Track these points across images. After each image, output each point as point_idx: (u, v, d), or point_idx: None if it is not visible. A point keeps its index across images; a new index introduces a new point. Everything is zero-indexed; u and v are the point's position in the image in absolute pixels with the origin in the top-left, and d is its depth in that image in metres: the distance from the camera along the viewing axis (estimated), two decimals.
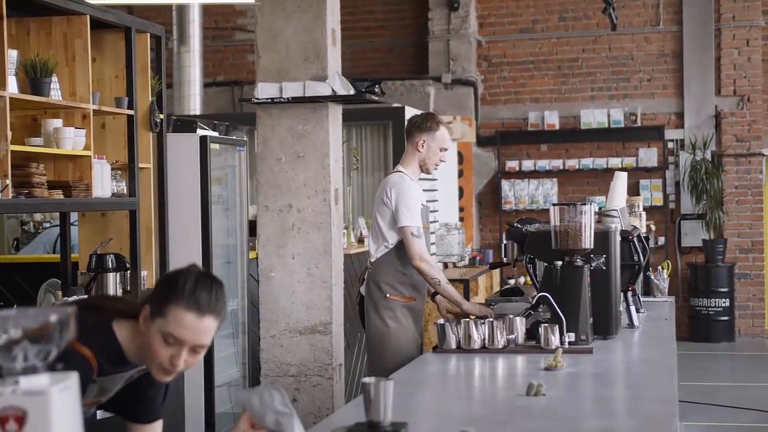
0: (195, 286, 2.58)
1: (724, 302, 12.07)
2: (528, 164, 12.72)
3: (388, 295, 5.15)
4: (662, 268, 6.39)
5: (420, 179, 5.31)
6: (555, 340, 4.16)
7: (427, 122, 5.26)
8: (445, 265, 10.36)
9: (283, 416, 2.51)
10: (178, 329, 2.55)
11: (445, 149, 5.28)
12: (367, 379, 2.72)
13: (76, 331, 2.53)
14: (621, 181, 5.52)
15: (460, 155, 12.24)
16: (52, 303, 5.49)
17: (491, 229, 12.96)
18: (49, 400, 1.72)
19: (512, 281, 12.21)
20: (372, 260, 5.26)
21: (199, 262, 6.20)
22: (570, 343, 4.22)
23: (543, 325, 4.21)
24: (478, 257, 11.19)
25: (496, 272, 11.28)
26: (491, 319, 4.30)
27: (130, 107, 5.54)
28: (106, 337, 2.65)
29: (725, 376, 10.60)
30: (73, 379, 1.80)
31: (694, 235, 12.42)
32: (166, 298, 2.57)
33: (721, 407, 8.56)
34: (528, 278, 11.93)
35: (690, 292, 12.28)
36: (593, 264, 4.46)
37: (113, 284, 5.37)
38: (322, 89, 5.77)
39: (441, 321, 4.33)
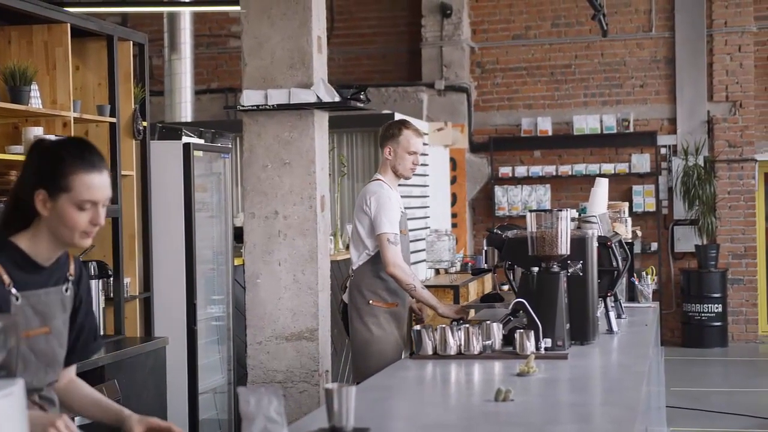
0: (79, 151, 2.66)
1: (717, 308, 12.07)
2: (521, 170, 12.73)
3: (371, 301, 5.24)
4: (646, 274, 6.40)
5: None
6: (530, 346, 4.16)
7: (389, 129, 5.40)
8: (437, 272, 10.37)
9: (273, 424, 2.54)
10: (90, 193, 2.64)
11: (414, 152, 5.34)
12: (329, 385, 2.74)
13: None
14: (602, 187, 5.54)
15: (453, 161, 12.28)
16: None
17: (485, 235, 12.92)
18: None
19: (506, 287, 12.21)
20: (354, 267, 5.33)
21: (183, 269, 6.23)
22: (546, 348, 4.23)
23: (519, 330, 4.22)
24: (470, 263, 11.20)
25: (488, 278, 11.29)
26: (467, 325, 4.31)
27: (112, 115, 5.56)
28: (9, 250, 2.67)
29: (718, 381, 10.60)
30: (18, 385, 1.82)
31: (686, 240, 12.42)
32: (62, 174, 2.63)
33: (712, 413, 8.57)
34: None
35: (683, 297, 12.28)
36: (570, 270, 4.47)
37: (96, 291, 5.38)
38: (306, 96, 5.79)
39: (417, 327, 4.35)
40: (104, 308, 5.49)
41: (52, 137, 2.76)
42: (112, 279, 5.56)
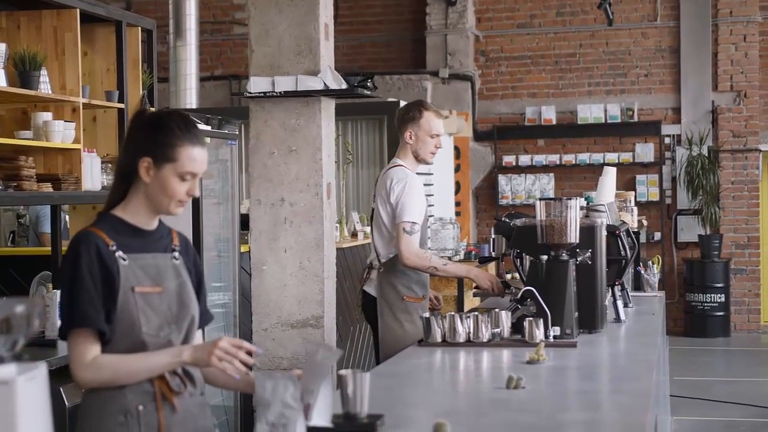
0: (185, 125, 2.81)
1: (720, 297, 12.09)
2: (525, 159, 12.74)
3: (405, 297, 5.06)
4: (652, 263, 6.41)
5: (417, 172, 5.23)
6: (539, 334, 4.17)
7: (409, 112, 5.15)
8: None
9: (290, 410, 2.56)
10: (193, 165, 2.79)
11: (437, 135, 5.13)
12: (343, 372, 2.75)
13: None
14: (610, 176, 5.54)
15: (457, 150, 12.27)
16: (44, 295, 5.51)
17: (488, 223, 12.97)
18: (15, 390, 1.75)
19: (509, 276, 12.23)
20: (382, 260, 5.12)
21: None
22: (555, 337, 4.23)
23: (528, 319, 4.23)
24: (474, 252, 11.21)
25: (492, 266, 11.30)
26: (476, 313, 4.31)
27: (120, 101, 5.55)
28: (108, 220, 2.82)
29: (720, 371, 10.62)
30: (40, 369, 1.83)
31: (690, 230, 12.43)
32: (170, 146, 2.77)
33: (714, 402, 8.59)
34: None
35: (686, 287, 12.30)
36: (579, 258, 4.47)
37: None
38: (314, 83, 5.78)
39: (426, 314, 4.35)
40: None
41: (152, 109, 2.87)
42: None
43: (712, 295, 12.08)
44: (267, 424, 2.63)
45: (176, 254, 2.91)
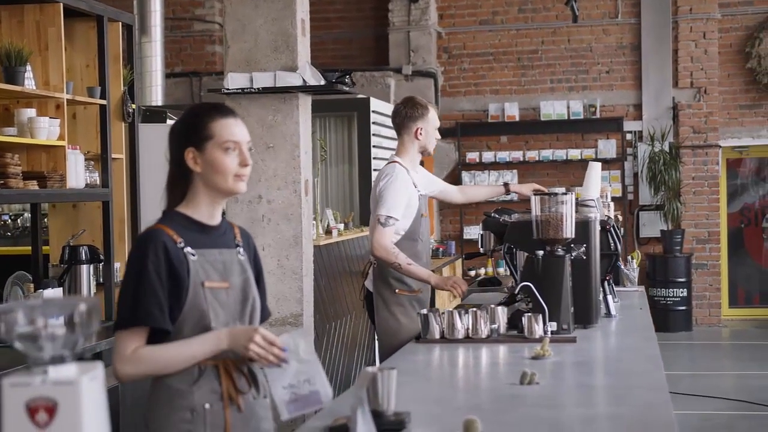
0: (212, 105, 2.88)
1: (682, 292, 12.21)
2: (488, 156, 12.77)
3: (397, 290, 5.10)
4: (632, 258, 6.45)
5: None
6: (539, 330, 4.17)
7: (418, 110, 5.21)
8: None
9: (306, 364, 2.56)
10: (231, 133, 2.80)
11: (437, 127, 5.32)
12: (371, 369, 2.72)
13: None
14: (595, 170, 5.56)
15: None
16: (19, 296, 5.41)
17: (452, 221, 13.00)
18: (79, 390, 1.71)
19: (473, 272, 12.27)
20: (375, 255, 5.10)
21: None
22: (552, 332, 4.24)
23: (526, 314, 4.23)
24: (440, 249, 11.24)
25: (459, 263, 11.34)
26: (475, 309, 4.30)
27: (102, 97, 5.46)
28: (174, 217, 2.83)
29: (684, 365, 10.72)
30: (99, 368, 1.78)
31: (652, 225, 12.55)
32: (202, 125, 2.81)
33: (679, 395, 8.66)
34: (491, 269, 12.00)
35: (648, 282, 12.40)
36: (574, 253, 4.48)
37: (86, 276, 5.30)
38: (292, 79, 5.76)
39: (424, 311, 4.34)
40: (95, 293, 5.40)
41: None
42: (102, 264, 5.47)
43: (675, 289, 12.20)
44: (285, 387, 2.61)
45: (241, 250, 2.90)
